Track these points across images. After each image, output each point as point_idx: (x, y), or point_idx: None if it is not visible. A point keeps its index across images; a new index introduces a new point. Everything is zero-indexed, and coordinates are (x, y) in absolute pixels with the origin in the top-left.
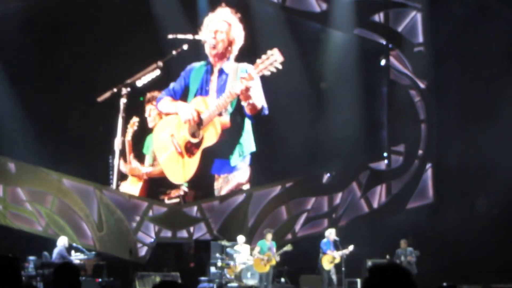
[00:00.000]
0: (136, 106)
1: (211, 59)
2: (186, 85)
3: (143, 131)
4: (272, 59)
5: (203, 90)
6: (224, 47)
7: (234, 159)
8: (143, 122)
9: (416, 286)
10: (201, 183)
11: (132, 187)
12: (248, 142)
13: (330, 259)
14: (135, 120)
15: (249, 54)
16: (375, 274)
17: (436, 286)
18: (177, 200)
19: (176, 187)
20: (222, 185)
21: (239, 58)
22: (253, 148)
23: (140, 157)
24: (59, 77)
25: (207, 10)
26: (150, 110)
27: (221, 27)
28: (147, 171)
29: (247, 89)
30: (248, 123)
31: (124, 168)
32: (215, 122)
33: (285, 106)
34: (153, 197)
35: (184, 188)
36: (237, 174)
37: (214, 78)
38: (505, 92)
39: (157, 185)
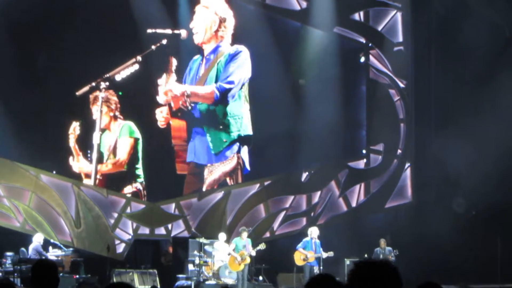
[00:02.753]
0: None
1: (203, 47)
2: (184, 76)
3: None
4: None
5: (193, 79)
6: (210, 33)
7: (217, 146)
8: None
9: (401, 282)
10: (160, 182)
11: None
12: (235, 126)
13: (301, 256)
14: (74, 125)
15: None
16: (363, 268)
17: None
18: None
19: (130, 182)
20: (207, 174)
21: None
22: (244, 131)
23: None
24: (37, 72)
25: (188, 4)
26: (97, 112)
27: (199, 14)
28: (100, 170)
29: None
30: (234, 107)
31: (77, 168)
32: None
33: (264, 103)
34: None
35: (138, 185)
36: (223, 163)
37: (203, 64)
38: (484, 91)
39: (111, 181)
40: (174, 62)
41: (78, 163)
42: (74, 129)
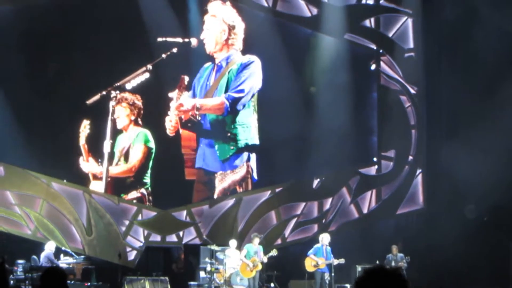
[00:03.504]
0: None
1: (214, 56)
2: (193, 84)
3: (115, 132)
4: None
5: (203, 87)
6: (220, 43)
7: (224, 153)
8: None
9: None
10: (167, 189)
11: (97, 187)
12: (243, 135)
13: (312, 262)
14: (85, 123)
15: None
16: (371, 277)
17: None
18: (134, 201)
19: (135, 188)
20: (217, 183)
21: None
22: (251, 141)
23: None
24: (48, 80)
25: (198, 12)
26: (119, 111)
27: (208, 24)
28: (110, 171)
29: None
30: (243, 116)
31: (86, 168)
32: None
33: (275, 110)
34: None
35: (143, 190)
36: (233, 172)
37: (214, 72)
38: (496, 97)
39: (118, 185)
40: (186, 79)
41: (87, 164)
42: (85, 127)
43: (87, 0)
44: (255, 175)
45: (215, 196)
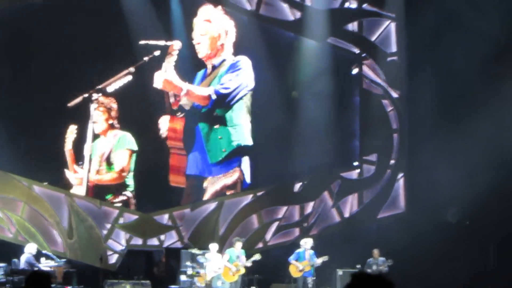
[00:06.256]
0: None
1: (206, 62)
2: None
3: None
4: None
5: None
6: (212, 47)
7: (215, 156)
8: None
9: None
10: (151, 192)
11: (79, 190)
12: (235, 136)
13: (296, 268)
14: (72, 128)
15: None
16: (359, 281)
17: None
18: (119, 205)
19: (119, 192)
20: (208, 186)
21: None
22: (244, 142)
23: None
24: (30, 83)
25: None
26: (97, 116)
27: (201, 29)
28: (93, 179)
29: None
30: (235, 117)
31: (71, 178)
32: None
33: (257, 114)
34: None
35: (128, 193)
36: (224, 176)
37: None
38: (477, 101)
39: (100, 188)
40: (175, 45)
41: (73, 174)
42: (72, 132)
43: (70, 2)
44: (247, 179)
45: (206, 199)
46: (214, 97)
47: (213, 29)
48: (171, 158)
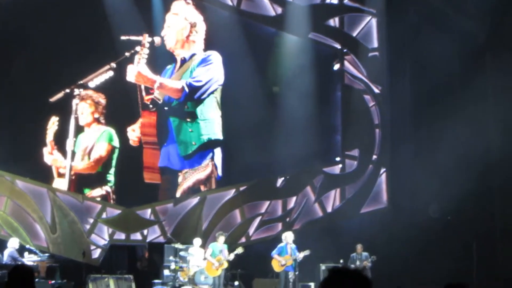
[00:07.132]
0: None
1: (175, 53)
2: None
3: (78, 130)
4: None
5: None
6: (181, 39)
7: (185, 149)
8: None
9: None
10: (131, 187)
11: (61, 184)
12: (205, 129)
13: (279, 262)
14: (54, 119)
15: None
16: (336, 277)
17: None
18: (98, 199)
19: (99, 185)
20: (181, 181)
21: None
22: (214, 136)
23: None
24: (12, 77)
25: (163, 11)
26: (83, 108)
27: (170, 22)
28: (72, 165)
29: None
30: (205, 111)
31: (48, 160)
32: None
33: (239, 108)
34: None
35: (107, 188)
36: (197, 170)
37: (176, 69)
38: (457, 97)
39: (81, 182)
40: (147, 38)
41: (51, 156)
42: (53, 123)
43: None
44: (219, 172)
45: (178, 195)
46: (187, 89)
47: (178, 21)
48: (144, 154)
